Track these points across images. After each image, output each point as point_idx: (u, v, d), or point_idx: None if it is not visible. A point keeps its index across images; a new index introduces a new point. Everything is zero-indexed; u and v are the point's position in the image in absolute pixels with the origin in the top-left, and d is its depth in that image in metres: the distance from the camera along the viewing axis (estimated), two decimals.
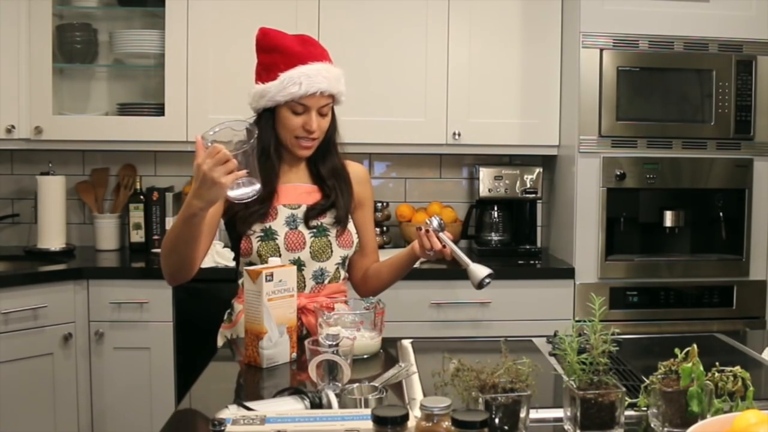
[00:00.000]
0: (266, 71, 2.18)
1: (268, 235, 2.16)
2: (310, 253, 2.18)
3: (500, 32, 3.51)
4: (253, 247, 2.15)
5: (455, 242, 2.20)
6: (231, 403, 1.44)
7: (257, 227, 2.16)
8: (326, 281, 2.22)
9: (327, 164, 2.28)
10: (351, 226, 2.27)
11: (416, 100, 3.50)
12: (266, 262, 2.14)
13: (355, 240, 2.26)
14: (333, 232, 2.22)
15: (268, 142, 2.19)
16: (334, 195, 2.24)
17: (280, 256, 2.13)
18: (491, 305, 3.26)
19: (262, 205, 2.15)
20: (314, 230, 2.20)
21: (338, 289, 2.24)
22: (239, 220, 2.17)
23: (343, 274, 2.27)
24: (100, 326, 3.16)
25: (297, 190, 2.24)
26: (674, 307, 3.35)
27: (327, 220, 2.22)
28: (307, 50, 2.18)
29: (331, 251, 2.21)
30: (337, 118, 2.31)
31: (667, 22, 3.29)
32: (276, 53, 2.16)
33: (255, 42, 2.23)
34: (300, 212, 2.20)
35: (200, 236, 1.98)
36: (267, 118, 2.20)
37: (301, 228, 2.19)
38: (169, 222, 3.61)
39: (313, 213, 2.21)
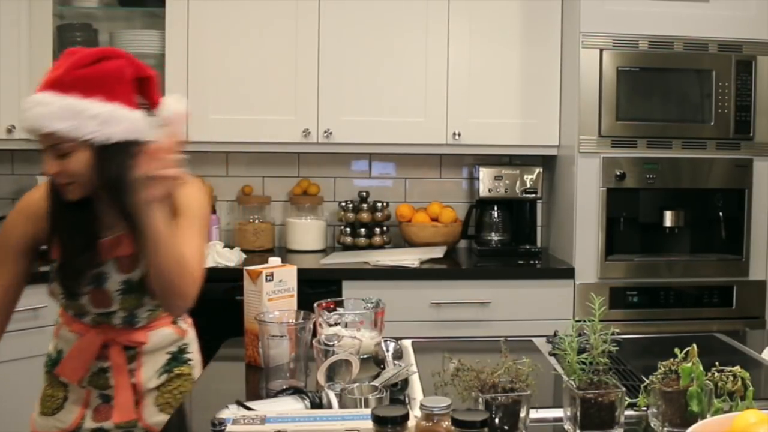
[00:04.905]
0: None
1: (73, 294, 1.86)
2: (121, 310, 1.88)
3: (500, 32, 3.51)
4: (58, 300, 1.91)
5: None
6: (231, 403, 1.44)
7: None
8: (139, 324, 1.93)
9: (126, 206, 1.74)
10: None
11: (416, 100, 3.50)
12: (79, 315, 1.90)
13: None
14: (142, 285, 1.85)
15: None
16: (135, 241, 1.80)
17: (87, 313, 1.88)
18: (491, 305, 3.26)
19: (91, 268, 1.84)
20: (122, 287, 1.86)
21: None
22: (65, 275, 1.85)
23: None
24: None
25: (109, 243, 1.86)
26: (674, 307, 3.35)
27: (136, 273, 1.85)
28: (49, 73, 1.77)
29: (143, 303, 1.89)
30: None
31: (667, 22, 3.29)
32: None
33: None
34: (107, 267, 1.85)
35: None
36: None
37: (108, 285, 1.85)
38: None
39: (121, 267, 1.86)
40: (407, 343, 2.06)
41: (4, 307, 1.91)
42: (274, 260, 2.03)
